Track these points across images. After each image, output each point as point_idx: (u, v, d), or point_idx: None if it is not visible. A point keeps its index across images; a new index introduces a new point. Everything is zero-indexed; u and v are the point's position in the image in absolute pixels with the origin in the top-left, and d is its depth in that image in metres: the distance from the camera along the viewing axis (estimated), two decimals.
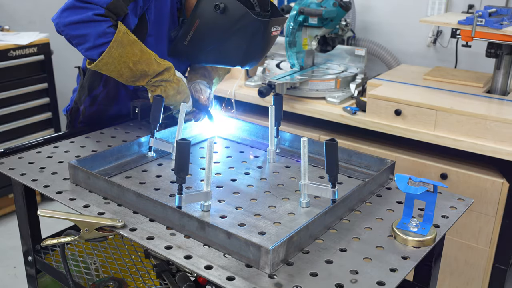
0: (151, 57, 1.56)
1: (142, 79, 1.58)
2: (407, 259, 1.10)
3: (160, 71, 1.58)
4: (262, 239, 1.17)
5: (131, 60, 1.51)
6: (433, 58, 2.98)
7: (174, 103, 1.66)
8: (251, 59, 1.69)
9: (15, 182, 1.48)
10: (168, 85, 1.61)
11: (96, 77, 1.80)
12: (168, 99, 1.63)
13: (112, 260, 1.58)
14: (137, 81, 1.59)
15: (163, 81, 1.60)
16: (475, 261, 2.25)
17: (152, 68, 1.56)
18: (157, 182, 1.43)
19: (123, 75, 1.55)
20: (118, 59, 1.50)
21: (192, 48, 1.68)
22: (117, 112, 1.89)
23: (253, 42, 1.62)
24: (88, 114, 1.86)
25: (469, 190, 2.16)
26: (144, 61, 1.54)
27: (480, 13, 2.15)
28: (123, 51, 1.50)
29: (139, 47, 1.54)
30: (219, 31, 1.61)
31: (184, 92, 1.65)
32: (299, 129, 2.56)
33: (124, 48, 1.50)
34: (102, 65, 1.51)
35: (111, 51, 1.48)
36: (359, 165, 1.52)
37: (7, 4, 3.70)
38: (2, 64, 3.15)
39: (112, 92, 1.83)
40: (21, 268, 2.33)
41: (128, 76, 1.56)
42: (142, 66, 1.54)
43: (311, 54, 2.78)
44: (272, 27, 1.65)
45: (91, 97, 1.83)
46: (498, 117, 2.06)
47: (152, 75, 1.57)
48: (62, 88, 3.61)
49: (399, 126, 2.27)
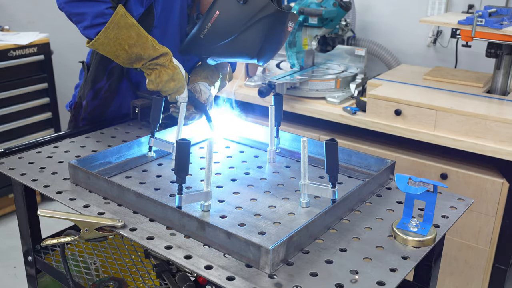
0: (148, 41, 1.57)
1: (138, 62, 1.59)
2: (407, 259, 1.10)
3: (156, 56, 1.59)
4: (262, 239, 1.17)
5: (126, 42, 1.53)
6: (433, 58, 2.98)
7: (168, 90, 1.64)
8: (267, 53, 1.68)
9: (15, 182, 1.48)
10: (163, 70, 1.62)
11: (101, 70, 1.81)
12: (162, 84, 1.63)
13: (112, 260, 1.58)
14: (133, 63, 1.60)
15: (158, 65, 1.61)
16: (475, 261, 2.25)
17: (148, 53, 1.57)
18: (157, 182, 1.43)
19: (119, 56, 1.57)
20: (114, 40, 1.52)
21: (208, 41, 1.67)
22: (118, 107, 1.90)
23: (271, 35, 1.62)
24: (91, 109, 1.87)
25: (469, 190, 2.16)
26: (140, 45, 1.55)
27: (480, 13, 2.15)
28: (119, 33, 1.52)
29: (137, 30, 1.55)
30: (239, 22, 1.61)
31: (178, 80, 1.64)
32: (299, 129, 2.56)
33: (120, 30, 1.51)
34: (98, 45, 1.53)
35: (107, 32, 1.50)
36: (359, 165, 1.52)
37: (7, 4, 3.70)
38: (2, 64, 3.15)
39: (114, 84, 1.84)
40: (21, 268, 2.33)
41: (124, 58, 1.58)
42: (138, 49, 1.55)
43: (311, 54, 2.78)
44: (289, 22, 1.66)
45: (94, 91, 1.84)
46: (498, 117, 2.07)
47: (147, 59, 1.58)
48: (62, 88, 3.61)
49: (399, 126, 2.27)
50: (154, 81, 1.61)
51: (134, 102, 1.72)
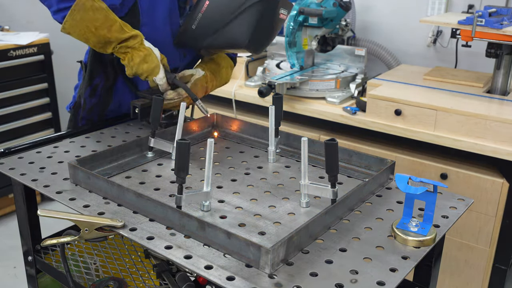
0: (116, 24, 1.59)
1: (108, 45, 1.61)
2: (407, 259, 1.10)
3: (125, 38, 1.60)
4: (262, 239, 1.17)
5: (93, 25, 1.56)
6: (433, 58, 2.98)
7: (142, 72, 1.64)
8: (259, 41, 1.68)
9: (15, 182, 1.48)
10: (135, 52, 1.62)
11: (96, 66, 1.82)
12: (135, 67, 1.63)
13: (112, 260, 1.58)
14: (104, 47, 1.62)
15: (129, 48, 1.61)
16: (475, 261, 2.25)
17: (115, 35, 1.58)
18: (157, 182, 1.43)
19: (89, 39, 1.60)
20: (80, 23, 1.55)
21: (200, 32, 1.67)
22: (118, 106, 1.90)
23: (262, 22, 1.62)
24: (89, 107, 1.87)
25: (469, 190, 2.16)
26: (107, 27, 1.57)
27: (480, 13, 2.16)
28: (84, 15, 1.55)
29: (104, 13, 1.56)
30: (228, 11, 1.61)
31: (151, 61, 1.63)
32: (299, 129, 2.57)
33: (86, 12, 1.54)
34: (68, 28, 1.57)
35: (73, 14, 1.54)
36: (359, 165, 1.52)
37: (7, 4, 3.70)
38: (2, 64, 3.15)
39: (110, 80, 1.84)
40: (21, 268, 2.32)
41: (94, 42, 1.60)
42: (104, 31, 1.57)
43: (311, 54, 2.78)
44: (280, 9, 1.65)
45: (91, 87, 1.85)
46: (498, 117, 2.07)
47: (116, 41, 1.60)
48: (62, 88, 3.61)
49: (399, 126, 2.28)
50: (128, 65, 1.63)
51: (134, 102, 1.72)
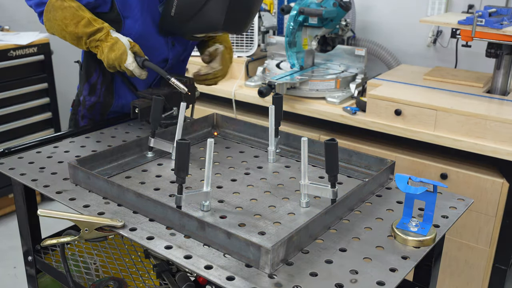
0: (84, 20, 1.64)
1: (81, 41, 1.67)
2: (407, 259, 1.10)
3: (91, 32, 1.65)
4: (262, 239, 1.17)
5: (63, 23, 1.65)
6: (433, 58, 2.98)
7: (112, 62, 1.65)
8: (237, 22, 1.67)
9: (15, 182, 1.48)
10: (103, 44, 1.65)
11: (91, 62, 1.85)
12: (107, 58, 1.65)
13: (112, 260, 1.58)
14: (79, 43, 1.69)
15: (98, 41, 1.66)
16: (475, 261, 2.25)
17: (82, 30, 1.64)
18: (157, 182, 1.43)
19: (65, 37, 1.70)
20: (54, 22, 1.68)
21: (179, 18, 1.69)
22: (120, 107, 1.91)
23: (236, 2, 1.61)
24: (89, 105, 1.89)
25: (469, 190, 2.16)
26: (74, 23, 1.65)
27: (480, 13, 2.15)
28: (55, 15, 1.66)
29: (73, 11, 1.64)
30: None
31: (118, 49, 1.64)
32: (299, 129, 2.57)
33: (56, 12, 1.65)
34: (48, 29, 1.72)
35: (47, 15, 1.69)
36: (359, 165, 1.52)
37: (7, 4, 3.70)
38: (2, 64, 3.15)
39: (107, 74, 1.85)
40: (21, 268, 2.32)
41: (69, 39, 1.69)
42: (72, 28, 1.65)
43: (311, 54, 2.78)
44: None
45: (90, 84, 1.88)
46: (498, 117, 2.07)
47: (84, 36, 1.65)
48: (62, 88, 3.61)
49: (399, 126, 2.27)
50: (101, 58, 1.66)
51: (134, 102, 1.72)
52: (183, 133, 1.56)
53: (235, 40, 2.96)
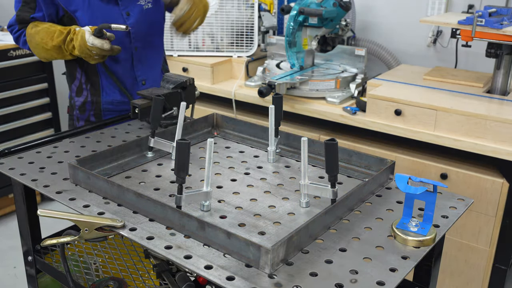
0: (56, 32, 1.79)
1: (63, 50, 1.82)
2: (407, 259, 1.10)
3: (63, 38, 1.79)
4: (262, 239, 1.17)
5: (43, 42, 1.81)
6: (433, 58, 2.98)
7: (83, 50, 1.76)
8: None
9: (15, 182, 1.48)
10: (74, 43, 1.77)
11: (73, 65, 1.95)
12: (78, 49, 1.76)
13: (112, 260, 1.58)
14: (63, 55, 1.84)
15: (71, 42, 1.78)
16: (475, 261, 2.25)
17: (57, 40, 1.79)
18: (157, 182, 1.43)
19: (52, 55, 1.85)
20: (37, 47, 1.85)
21: None
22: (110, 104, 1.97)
23: None
24: (78, 106, 1.96)
25: (469, 190, 2.16)
26: (50, 39, 1.80)
27: (480, 13, 2.15)
28: (35, 40, 1.83)
29: (45, 30, 1.81)
30: None
31: (81, 37, 1.74)
32: (299, 129, 2.57)
33: (34, 37, 1.83)
34: (39, 56, 1.89)
35: (31, 45, 1.86)
36: (359, 165, 1.52)
37: (7, 4, 3.70)
38: (2, 64, 3.15)
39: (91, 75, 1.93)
40: (21, 268, 2.33)
41: (55, 54, 1.84)
42: (50, 43, 1.80)
43: (311, 54, 2.78)
44: None
45: (76, 86, 1.97)
46: (498, 117, 2.07)
47: (62, 44, 1.80)
48: (62, 88, 3.61)
49: (399, 126, 2.27)
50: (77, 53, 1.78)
51: (134, 102, 1.72)
52: (183, 133, 1.56)
53: (235, 40, 2.97)
